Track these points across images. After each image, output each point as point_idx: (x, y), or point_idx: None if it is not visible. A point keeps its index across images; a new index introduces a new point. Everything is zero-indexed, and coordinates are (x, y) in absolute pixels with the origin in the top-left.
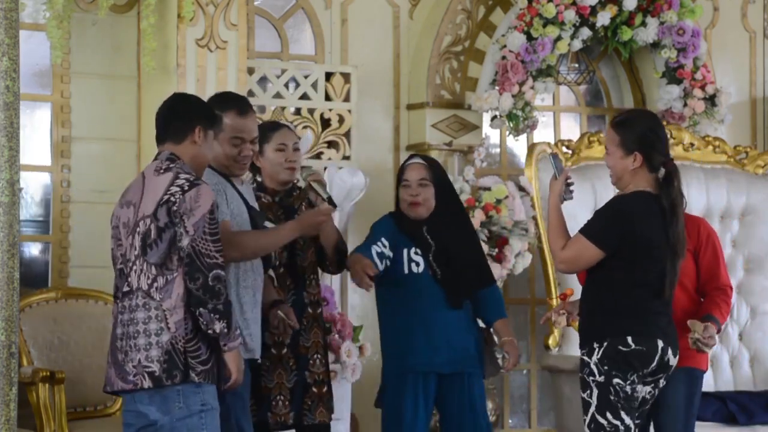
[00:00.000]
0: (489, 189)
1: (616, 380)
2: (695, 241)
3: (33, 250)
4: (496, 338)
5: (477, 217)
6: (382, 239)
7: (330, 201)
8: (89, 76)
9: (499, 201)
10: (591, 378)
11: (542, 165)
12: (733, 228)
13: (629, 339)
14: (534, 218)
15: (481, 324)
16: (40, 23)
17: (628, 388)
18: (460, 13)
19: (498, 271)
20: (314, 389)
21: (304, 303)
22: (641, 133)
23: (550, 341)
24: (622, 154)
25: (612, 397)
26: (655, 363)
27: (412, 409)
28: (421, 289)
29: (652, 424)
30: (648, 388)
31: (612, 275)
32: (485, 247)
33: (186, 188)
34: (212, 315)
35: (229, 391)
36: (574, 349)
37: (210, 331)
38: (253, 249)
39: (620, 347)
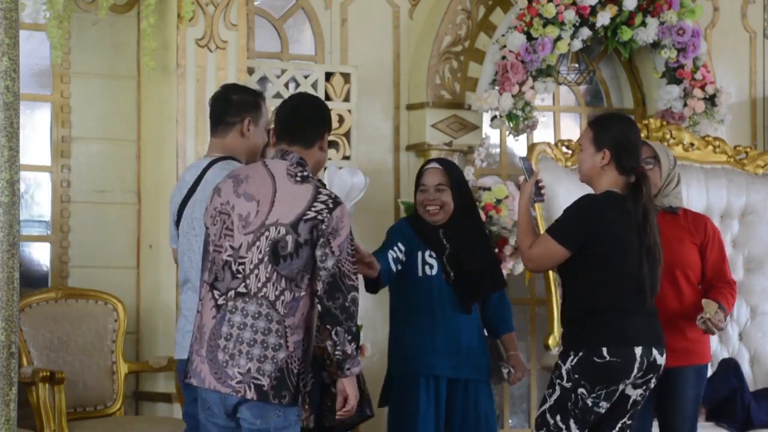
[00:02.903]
0: (489, 189)
1: (581, 390)
2: (702, 237)
3: (33, 250)
4: (503, 351)
5: None
6: (399, 244)
7: None
8: (89, 76)
9: (499, 201)
10: (558, 380)
11: (542, 165)
12: (733, 228)
13: (604, 350)
14: (534, 218)
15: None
16: (40, 23)
17: (589, 401)
18: (460, 13)
19: None
20: (333, 389)
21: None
22: (614, 133)
23: (550, 341)
24: (592, 150)
25: (569, 404)
26: (635, 371)
27: (423, 412)
28: (433, 292)
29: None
30: (639, 391)
31: (586, 279)
32: None
33: (331, 206)
34: (346, 335)
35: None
36: None
37: (338, 353)
38: None
39: (595, 359)
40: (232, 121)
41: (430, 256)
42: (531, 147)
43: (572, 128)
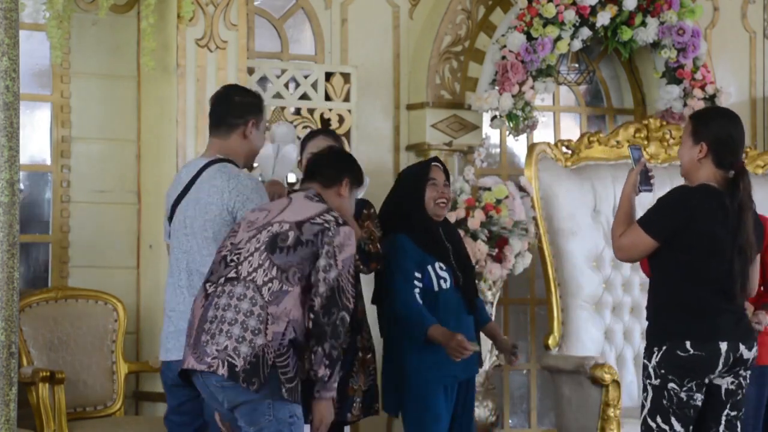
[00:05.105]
0: (489, 189)
1: (671, 385)
2: (765, 241)
3: (33, 250)
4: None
5: (477, 217)
6: (416, 275)
7: None
8: (89, 76)
9: (499, 201)
10: (648, 381)
11: (542, 165)
12: None
13: (688, 344)
14: (534, 218)
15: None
16: (40, 23)
17: (683, 395)
18: (460, 13)
19: (498, 271)
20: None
21: (356, 347)
22: (713, 126)
23: (550, 341)
24: (691, 143)
25: (665, 402)
26: (720, 366)
27: (447, 420)
28: (448, 303)
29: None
30: (729, 379)
31: (674, 272)
32: (485, 247)
33: (341, 222)
34: (324, 358)
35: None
36: (574, 349)
37: (312, 372)
38: None
39: (679, 352)
40: (236, 122)
41: (441, 268)
42: (531, 147)
43: (572, 128)
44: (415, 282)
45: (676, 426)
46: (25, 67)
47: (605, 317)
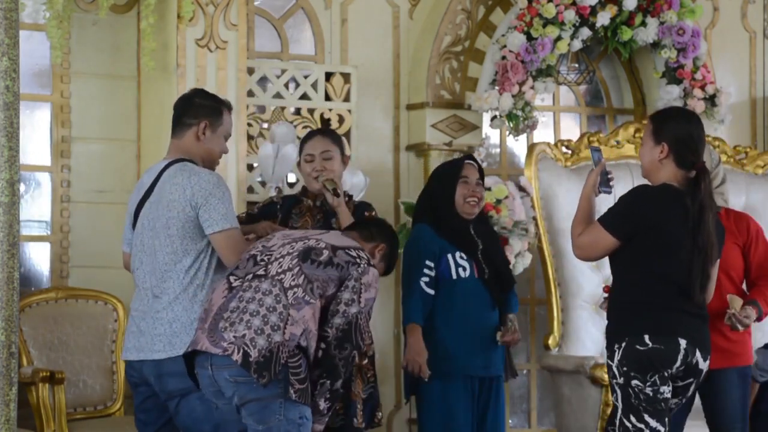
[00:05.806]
0: (489, 189)
1: (634, 382)
2: (745, 237)
3: (33, 250)
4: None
5: None
6: (427, 262)
7: (335, 192)
8: (89, 76)
9: (499, 201)
10: (614, 381)
11: (542, 165)
12: None
13: (646, 337)
14: (534, 218)
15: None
16: (40, 23)
17: (648, 390)
18: (460, 13)
19: None
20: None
21: None
22: (673, 126)
23: (550, 341)
24: (651, 144)
25: (633, 400)
26: (678, 363)
27: (464, 413)
28: (467, 293)
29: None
30: (675, 400)
31: (633, 271)
32: None
33: (371, 264)
34: (328, 392)
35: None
36: (574, 349)
37: (312, 402)
38: None
39: (638, 346)
40: (189, 122)
41: (461, 257)
42: (531, 147)
43: (572, 128)
44: (425, 271)
45: (651, 422)
46: (25, 67)
47: (605, 317)
